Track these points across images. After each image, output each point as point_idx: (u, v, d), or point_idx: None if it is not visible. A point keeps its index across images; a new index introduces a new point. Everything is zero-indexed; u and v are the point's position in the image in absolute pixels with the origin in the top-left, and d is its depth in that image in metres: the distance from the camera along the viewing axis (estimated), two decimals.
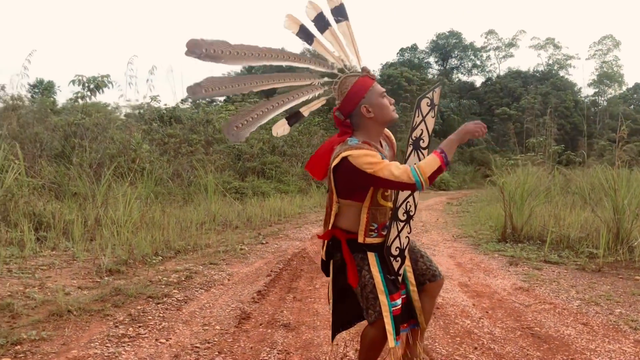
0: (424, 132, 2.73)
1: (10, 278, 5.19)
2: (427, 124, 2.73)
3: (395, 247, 2.70)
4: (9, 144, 9.08)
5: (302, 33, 2.64)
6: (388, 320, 2.57)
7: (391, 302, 2.60)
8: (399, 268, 2.72)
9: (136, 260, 6.21)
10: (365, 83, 2.62)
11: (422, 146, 2.73)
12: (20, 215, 7.25)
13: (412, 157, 2.72)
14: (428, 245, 8.44)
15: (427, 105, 2.72)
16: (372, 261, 2.63)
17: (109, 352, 3.43)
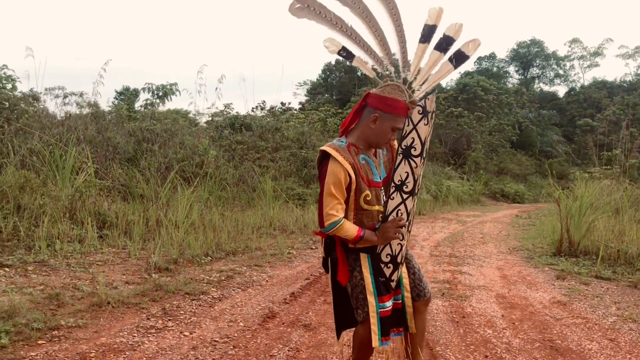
0: (416, 140, 2.72)
1: (67, 271, 5.60)
2: (419, 131, 2.72)
3: (385, 253, 2.74)
4: (83, 148, 9.68)
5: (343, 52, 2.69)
6: (374, 321, 2.68)
7: (379, 304, 2.70)
8: (391, 274, 2.76)
9: (186, 260, 6.52)
10: (399, 108, 2.63)
11: (413, 154, 2.73)
12: (87, 214, 7.73)
13: (403, 165, 2.73)
14: (480, 256, 8.37)
15: (418, 113, 2.72)
16: (364, 262, 2.72)
17: (134, 341, 3.69)
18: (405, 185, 2.74)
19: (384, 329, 2.72)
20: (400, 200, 2.74)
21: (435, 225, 13.21)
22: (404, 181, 2.74)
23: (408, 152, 2.74)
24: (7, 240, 6.38)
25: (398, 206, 2.74)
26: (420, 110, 2.72)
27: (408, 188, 2.74)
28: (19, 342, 3.50)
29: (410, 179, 2.75)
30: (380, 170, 2.78)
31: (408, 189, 2.74)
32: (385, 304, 2.73)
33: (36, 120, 10.48)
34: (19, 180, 7.51)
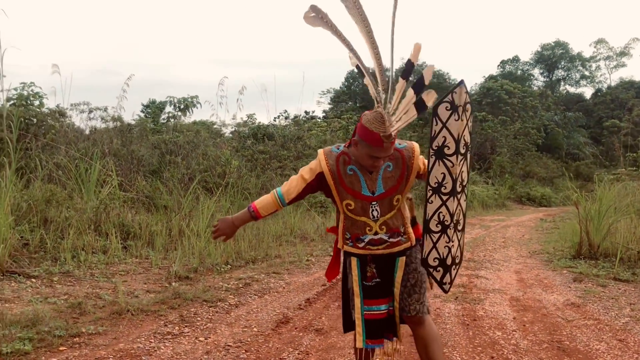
0: (448, 139, 2.62)
1: (91, 281, 5.80)
2: (450, 129, 2.62)
3: (433, 258, 2.70)
4: (108, 161, 9.94)
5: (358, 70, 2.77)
6: (358, 322, 2.80)
7: (364, 306, 2.81)
8: (442, 277, 2.72)
9: (206, 268, 6.68)
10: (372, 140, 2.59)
11: (447, 153, 2.63)
12: (111, 226, 7.95)
13: (437, 167, 2.65)
14: (498, 260, 8.39)
15: (446, 109, 2.62)
16: (354, 266, 2.84)
17: (150, 347, 3.84)
18: (444, 187, 2.66)
19: (371, 331, 2.81)
20: (441, 202, 2.67)
21: None
22: (441, 182, 2.66)
23: (441, 153, 2.65)
24: (35, 252, 6.61)
25: (439, 208, 2.68)
26: (448, 106, 2.62)
27: (447, 189, 2.66)
28: (41, 348, 3.67)
29: (449, 179, 2.66)
30: (375, 185, 2.77)
31: (447, 190, 2.66)
32: (372, 307, 2.82)
33: (62, 135, 10.79)
34: (45, 194, 7.77)
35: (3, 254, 5.79)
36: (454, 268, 2.75)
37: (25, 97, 11.55)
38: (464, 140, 2.64)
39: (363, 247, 2.81)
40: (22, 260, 6.22)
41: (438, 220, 2.68)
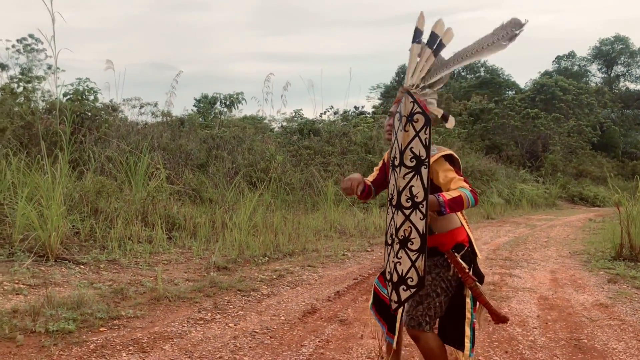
0: (395, 150, 2.64)
1: (135, 269, 6.14)
2: (398, 139, 2.61)
3: (387, 271, 2.72)
4: (156, 154, 10.35)
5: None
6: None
7: (377, 279, 3.10)
8: (389, 293, 2.68)
9: (244, 260, 6.95)
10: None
11: (395, 164, 2.63)
12: (157, 217, 8.32)
13: (391, 178, 2.67)
14: (536, 260, 8.39)
15: (397, 120, 2.63)
16: None
17: (182, 330, 4.11)
18: (393, 199, 2.64)
19: (375, 301, 3.09)
20: (391, 214, 2.66)
21: (501, 229, 13.16)
22: (391, 194, 2.66)
23: (392, 163, 2.67)
24: (85, 241, 7.01)
25: (390, 221, 2.68)
26: (398, 117, 2.63)
27: (394, 201, 2.63)
28: (83, 328, 3.98)
29: (395, 191, 2.62)
30: None
31: (394, 203, 2.63)
32: (382, 287, 3.02)
33: (114, 129, 11.27)
34: (96, 186, 8.19)
35: (55, 242, 6.18)
36: (403, 289, 2.61)
37: (80, 92, 12.12)
38: (411, 153, 2.54)
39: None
40: (72, 247, 6.62)
41: (390, 232, 2.67)
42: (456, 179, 2.72)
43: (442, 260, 2.81)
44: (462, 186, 2.69)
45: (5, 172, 7.55)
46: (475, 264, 2.87)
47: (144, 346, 3.74)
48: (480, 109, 32.92)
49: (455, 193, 2.65)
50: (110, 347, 3.67)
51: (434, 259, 2.81)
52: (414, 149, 2.53)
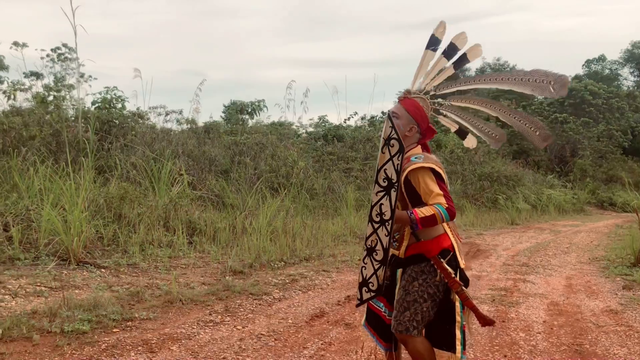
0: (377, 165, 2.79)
1: (154, 273, 6.34)
2: (377, 158, 2.79)
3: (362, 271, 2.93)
4: (179, 161, 10.60)
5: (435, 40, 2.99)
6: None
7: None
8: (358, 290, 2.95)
9: (260, 264, 7.10)
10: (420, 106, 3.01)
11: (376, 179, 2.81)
12: (179, 222, 8.54)
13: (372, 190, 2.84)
14: (554, 266, 8.39)
15: (381, 138, 2.79)
16: None
17: (191, 332, 4.28)
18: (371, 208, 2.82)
19: (369, 317, 3.14)
20: (367, 221, 2.87)
21: (524, 235, 13.10)
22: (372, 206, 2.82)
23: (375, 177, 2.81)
24: (107, 246, 7.24)
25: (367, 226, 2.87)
26: (380, 135, 2.84)
27: (370, 211, 2.82)
28: (97, 329, 4.17)
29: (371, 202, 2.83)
30: None
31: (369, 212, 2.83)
32: (376, 301, 3.07)
33: (140, 137, 11.56)
34: (119, 192, 8.44)
35: (78, 246, 6.42)
36: (365, 290, 2.90)
37: (108, 100, 12.46)
38: (384, 174, 2.73)
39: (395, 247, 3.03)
40: (95, 252, 6.86)
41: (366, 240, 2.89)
42: (435, 194, 2.80)
43: (429, 266, 2.90)
44: (439, 202, 2.79)
45: (33, 179, 7.85)
46: (460, 268, 2.96)
47: (152, 347, 3.91)
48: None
49: (429, 211, 2.76)
50: (121, 347, 3.84)
51: (420, 265, 2.91)
52: (387, 171, 2.73)
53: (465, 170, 19.73)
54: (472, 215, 15.78)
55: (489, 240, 11.50)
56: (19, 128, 9.69)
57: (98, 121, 11.21)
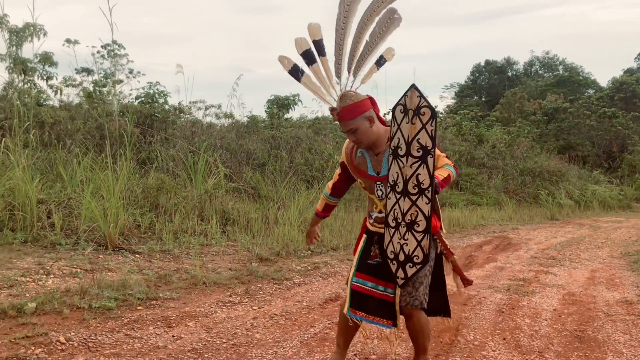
0: (400, 141, 2.87)
1: (185, 259, 6.66)
2: (402, 131, 2.85)
3: (389, 250, 2.99)
4: (215, 154, 10.96)
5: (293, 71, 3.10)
6: (347, 291, 3.16)
7: (355, 277, 3.13)
8: (396, 270, 2.98)
9: (287, 253, 7.36)
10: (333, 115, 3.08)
11: (400, 154, 2.88)
12: (213, 212, 8.89)
13: (393, 166, 2.91)
14: (582, 260, 8.39)
15: (400, 112, 2.85)
16: (361, 241, 3.21)
17: (209, 311, 4.57)
18: (397, 186, 2.90)
19: (355, 301, 3.10)
20: (395, 199, 2.93)
21: (561, 230, 12.99)
22: (396, 181, 2.91)
23: (396, 153, 2.90)
24: (144, 233, 7.62)
25: (394, 205, 2.94)
26: (401, 109, 2.85)
27: (399, 188, 2.90)
28: (122, 306, 4.50)
29: (400, 179, 2.88)
30: (380, 166, 3.07)
31: (399, 189, 2.90)
32: (364, 282, 3.11)
33: (180, 130, 11.99)
34: (157, 183, 8.83)
35: (114, 233, 6.80)
36: (409, 266, 2.96)
37: (151, 95, 12.93)
38: (418, 144, 2.83)
39: (371, 223, 3.16)
40: (132, 239, 7.24)
41: (393, 216, 2.96)
42: (441, 157, 3.05)
43: (432, 241, 3.08)
44: (447, 163, 3.06)
45: (75, 170, 8.31)
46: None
47: (170, 322, 4.21)
48: (554, 108, 32.12)
49: (444, 172, 2.97)
50: (141, 322, 4.16)
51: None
52: (421, 140, 2.83)
53: (506, 165, 19.59)
54: (510, 210, 15.71)
55: (523, 235, 11.49)
56: (64, 122, 10.20)
57: (141, 115, 11.69)
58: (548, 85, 42.17)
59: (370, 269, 3.14)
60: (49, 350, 3.47)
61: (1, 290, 4.64)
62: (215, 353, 3.64)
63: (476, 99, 49.79)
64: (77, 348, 3.56)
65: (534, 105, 34.61)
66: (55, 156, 8.82)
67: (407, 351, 3.74)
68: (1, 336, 3.62)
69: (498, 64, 52.50)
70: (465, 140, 20.41)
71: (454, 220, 12.52)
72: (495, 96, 45.20)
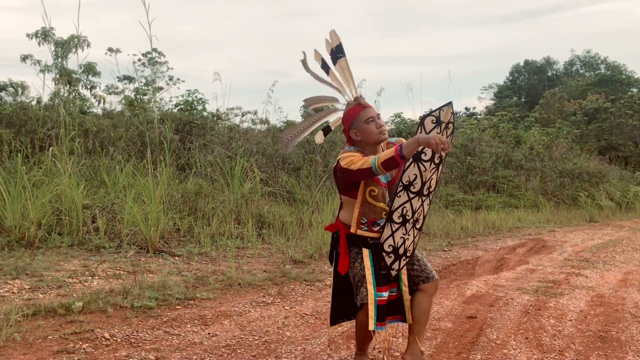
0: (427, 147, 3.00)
1: (222, 261, 6.93)
2: None
3: (388, 244, 3.20)
4: (251, 159, 11.25)
5: (324, 65, 3.42)
6: (372, 307, 3.21)
7: (377, 293, 3.24)
8: (392, 263, 3.23)
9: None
10: (354, 111, 3.28)
11: (423, 159, 3.08)
12: (249, 216, 9.16)
13: (412, 168, 3.10)
14: (616, 262, 8.36)
15: (431, 122, 3.03)
16: (366, 256, 3.28)
17: (243, 310, 4.81)
18: (413, 186, 3.13)
19: (379, 316, 3.24)
20: (407, 198, 3.15)
21: (599, 232, 12.88)
22: (412, 182, 3.12)
23: (418, 157, 3.09)
24: (183, 237, 7.94)
25: (404, 204, 3.15)
26: (433, 120, 3.04)
27: (415, 188, 3.13)
28: (162, 306, 4.77)
29: (419, 181, 3.12)
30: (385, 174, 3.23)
31: (415, 189, 3.13)
32: (382, 294, 3.26)
33: (218, 136, 12.33)
34: (195, 188, 9.16)
35: (155, 236, 7.12)
36: (403, 259, 3.27)
37: (190, 102, 13.33)
38: (439, 153, 3.04)
39: (377, 230, 3.27)
40: (172, 242, 7.56)
41: (400, 213, 3.18)
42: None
43: None
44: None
45: (118, 176, 8.69)
46: None
47: (207, 320, 4.46)
48: (595, 108, 31.61)
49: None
50: (179, 320, 4.42)
51: None
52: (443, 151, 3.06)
53: (545, 167, 19.41)
54: (548, 212, 15.61)
55: (559, 237, 11.45)
56: (108, 130, 10.63)
57: (180, 122, 12.08)
58: (589, 84, 41.51)
59: (383, 279, 3.31)
60: (95, 345, 3.74)
61: (51, 290, 4.97)
62: (248, 349, 3.86)
63: (515, 99, 49.29)
64: (120, 343, 3.83)
65: (574, 105, 34.12)
66: (99, 163, 9.22)
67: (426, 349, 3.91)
68: (52, 332, 3.92)
69: (537, 64, 51.88)
70: (502, 142, 20.31)
71: (490, 222, 12.54)
72: (534, 97, 44.68)
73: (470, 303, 5.39)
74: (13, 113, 10.29)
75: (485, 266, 7.67)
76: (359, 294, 3.29)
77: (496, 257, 8.44)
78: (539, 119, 32.37)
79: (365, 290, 3.26)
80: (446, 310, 5.07)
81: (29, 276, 5.34)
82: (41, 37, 10.29)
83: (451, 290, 5.99)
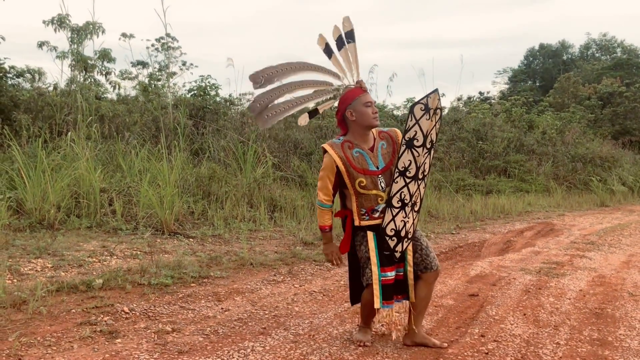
0: (418, 133, 3.34)
1: (235, 243, 7.16)
2: (422, 125, 3.33)
3: (390, 228, 3.41)
4: (267, 144, 11.46)
5: (326, 49, 3.61)
6: (376, 287, 3.45)
7: (381, 273, 3.46)
8: (395, 245, 3.43)
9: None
10: (354, 92, 3.47)
11: (415, 145, 3.36)
12: (262, 199, 9.38)
13: (406, 154, 3.37)
14: (622, 245, 8.48)
15: (420, 110, 3.32)
16: (370, 239, 3.47)
17: (255, 287, 5.04)
18: (408, 171, 3.38)
19: (385, 294, 3.47)
20: (404, 183, 3.39)
21: (608, 217, 12.96)
22: (407, 167, 3.37)
23: (411, 143, 3.37)
24: (197, 219, 8.17)
25: (402, 189, 3.40)
26: (422, 107, 3.33)
27: (411, 174, 3.38)
28: (178, 283, 5.01)
29: (413, 166, 3.37)
30: (377, 161, 3.47)
31: (411, 175, 3.38)
32: (387, 274, 3.47)
33: (231, 122, 12.54)
34: (209, 172, 9.39)
35: (170, 219, 7.36)
36: (406, 241, 3.47)
37: (203, 88, 13.52)
38: (430, 138, 3.40)
39: (378, 216, 3.47)
40: (186, 224, 7.79)
41: (399, 198, 3.41)
42: None
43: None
44: None
45: (133, 161, 8.93)
46: None
47: (220, 297, 4.69)
48: (610, 92, 31.40)
49: None
50: (194, 297, 4.65)
51: None
52: (432, 135, 3.44)
53: (557, 152, 19.42)
54: (559, 197, 15.70)
55: (568, 221, 11.56)
56: (123, 115, 10.87)
57: (193, 108, 12.29)
58: (605, 68, 41.07)
59: (387, 260, 3.51)
60: (115, 318, 3.99)
61: (72, 269, 5.22)
62: (258, 322, 4.09)
63: (530, 83, 48.94)
64: (139, 317, 4.07)
65: (588, 89, 33.89)
66: (115, 148, 9.46)
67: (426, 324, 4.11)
68: (75, 306, 4.17)
69: (553, 48, 51.45)
70: (514, 126, 20.33)
71: (499, 207, 12.68)
72: (550, 81, 44.37)
73: (474, 282, 5.58)
74: (31, 99, 10.57)
75: (492, 248, 7.85)
76: (365, 274, 3.54)
77: (503, 239, 8.61)
78: (553, 104, 32.20)
79: (370, 271, 3.49)
80: (449, 289, 5.27)
81: (51, 255, 5.59)
82: (57, 24, 10.51)
83: (456, 270, 6.18)
